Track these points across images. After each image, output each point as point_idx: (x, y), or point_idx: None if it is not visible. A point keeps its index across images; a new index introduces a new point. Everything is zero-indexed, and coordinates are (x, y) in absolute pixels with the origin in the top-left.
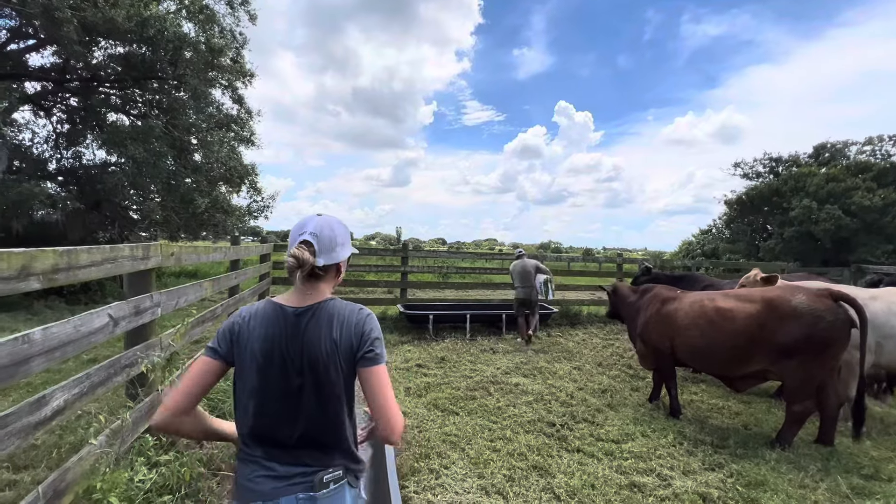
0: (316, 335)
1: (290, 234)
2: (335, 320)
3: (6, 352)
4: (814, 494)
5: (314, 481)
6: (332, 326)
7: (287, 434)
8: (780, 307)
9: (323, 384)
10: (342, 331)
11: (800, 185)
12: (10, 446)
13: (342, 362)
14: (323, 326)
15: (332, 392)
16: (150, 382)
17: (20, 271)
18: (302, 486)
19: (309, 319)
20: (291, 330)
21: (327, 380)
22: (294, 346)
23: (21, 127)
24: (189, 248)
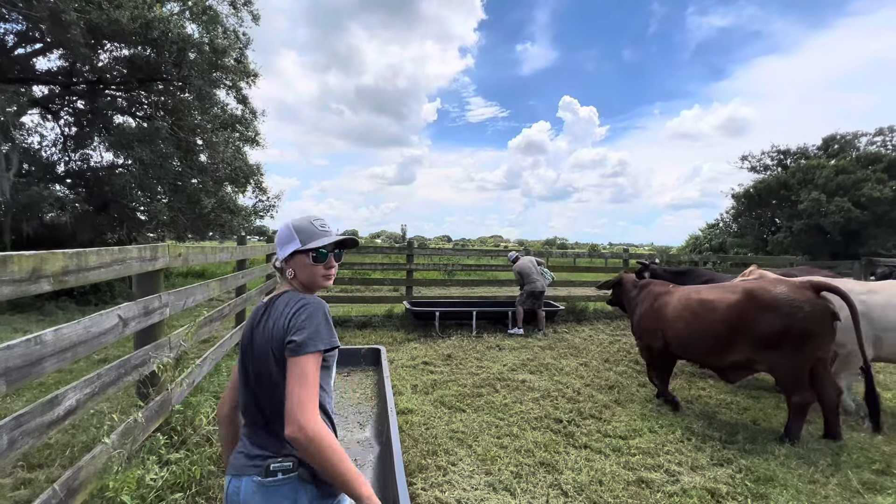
0: (262, 327)
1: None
2: (276, 312)
3: (19, 353)
4: (824, 490)
5: (265, 467)
6: (273, 319)
7: (257, 420)
8: (760, 297)
9: (262, 374)
10: (276, 321)
11: (808, 178)
12: (24, 445)
13: (274, 352)
14: (269, 319)
15: (271, 381)
16: (161, 382)
17: (31, 273)
18: (257, 469)
19: (263, 312)
20: (255, 323)
21: (266, 369)
22: (249, 336)
23: (30, 130)
24: (196, 249)
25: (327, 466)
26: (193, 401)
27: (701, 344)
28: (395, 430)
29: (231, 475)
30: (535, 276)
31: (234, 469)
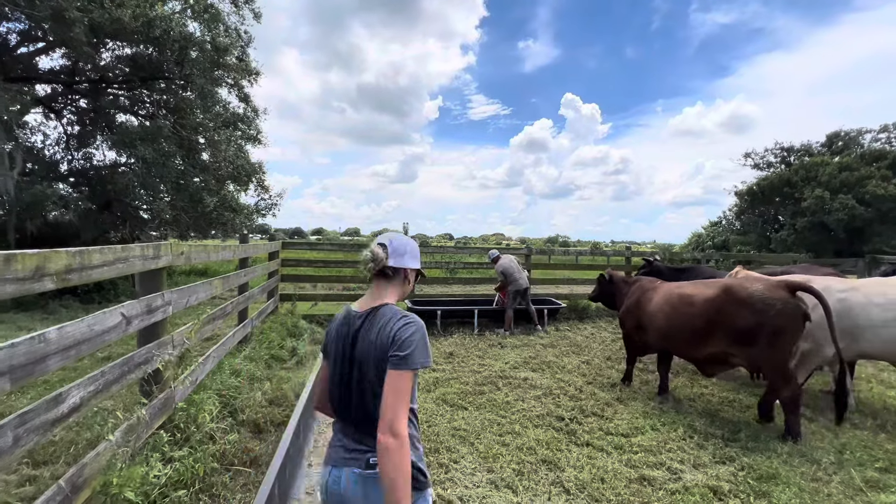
0: (365, 336)
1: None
2: (380, 323)
3: (23, 350)
4: (827, 488)
5: (366, 461)
6: (376, 329)
7: (349, 417)
8: (736, 294)
9: (362, 380)
10: (381, 332)
11: (812, 175)
12: (29, 442)
13: (376, 362)
14: (372, 329)
15: (370, 388)
16: (164, 380)
17: (35, 272)
18: (357, 462)
19: (364, 321)
20: (351, 330)
21: (366, 376)
22: (349, 343)
23: (33, 129)
24: (199, 247)
25: (398, 473)
26: (196, 398)
27: (680, 336)
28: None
29: (331, 466)
30: (518, 275)
31: (333, 461)
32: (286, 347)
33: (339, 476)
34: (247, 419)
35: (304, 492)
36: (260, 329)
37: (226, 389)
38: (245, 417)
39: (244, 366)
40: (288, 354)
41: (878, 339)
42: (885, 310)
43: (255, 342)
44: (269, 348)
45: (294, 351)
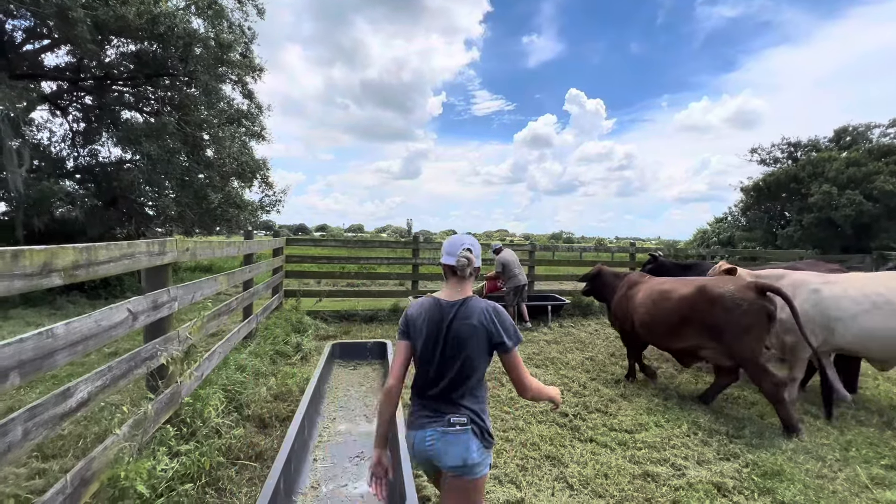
0: (462, 321)
1: (449, 246)
2: (477, 312)
3: (31, 346)
4: (832, 484)
5: (448, 420)
6: (475, 316)
7: (437, 385)
8: (709, 293)
9: (459, 355)
10: (482, 320)
11: (819, 171)
12: (38, 436)
13: (480, 343)
14: (469, 316)
15: (471, 364)
16: (170, 375)
17: (42, 268)
18: (438, 423)
19: (458, 309)
20: (445, 316)
21: (468, 354)
22: (446, 326)
23: (39, 126)
24: (204, 243)
25: (541, 395)
26: (202, 393)
27: (658, 329)
28: (401, 423)
29: (416, 429)
30: (517, 270)
31: (418, 426)
32: (291, 343)
33: (423, 436)
34: (252, 414)
35: (310, 486)
36: (265, 325)
37: (231, 385)
38: (250, 412)
39: (249, 361)
40: (293, 350)
41: (849, 332)
42: (856, 303)
43: (259, 338)
44: (274, 344)
45: (299, 347)
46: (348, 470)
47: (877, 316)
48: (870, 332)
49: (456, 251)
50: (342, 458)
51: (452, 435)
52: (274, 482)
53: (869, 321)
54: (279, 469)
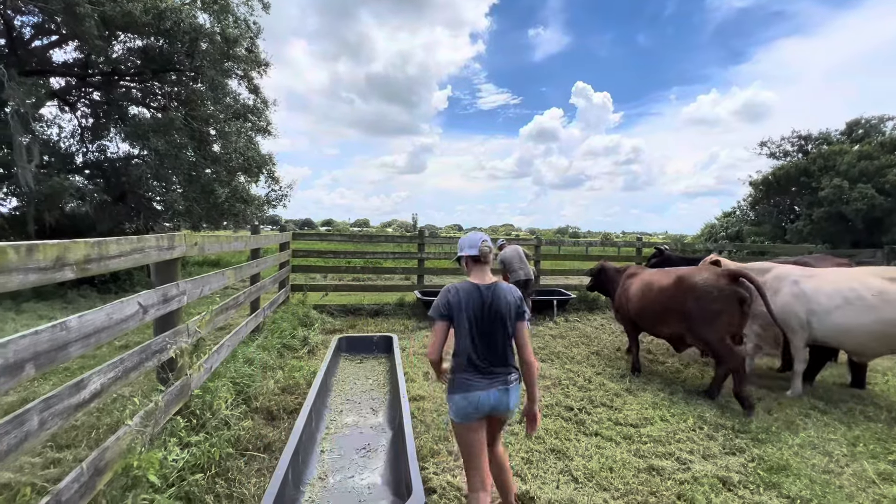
0: (498, 301)
1: (469, 241)
2: (505, 292)
3: (46, 338)
4: (839, 479)
5: (506, 379)
6: (505, 296)
7: (486, 355)
8: (686, 282)
9: (500, 329)
10: (509, 299)
11: (830, 164)
12: (53, 426)
13: (510, 316)
14: (501, 296)
15: (505, 333)
16: (180, 367)
17: (55, 262)
18: (500, 382)
19: (493, 291)
20: (485, 297)
21: (505, 326)
22: (488, 305)
23: (48, 122)
24: (211, 238)
25: (534, 379)
26: (211, 386)
27: (647, 316)
28: (407, 416)
29: (479, 391)
30: (517, 266)
31: (480, 388)
32: (298, 337)
33: (488, 395)
34: (260, 406)
35: (317, 476)
36: (272, 319)
37: (240, 377)
38: (258, 405)
39: (257, 355)
40: (299, 344)
41: (823, 325)
42: (829, 298)
43: (267, 332)
44: (281, 338)
45: (305, 340)
46: (355, 461)
47: (848, 312)
48: (842, 327)
49: (476, 244)
50: (349, 449)
51: (512, 388)
52: (282, 473)
53: (841, 317)
54: (287, 460)
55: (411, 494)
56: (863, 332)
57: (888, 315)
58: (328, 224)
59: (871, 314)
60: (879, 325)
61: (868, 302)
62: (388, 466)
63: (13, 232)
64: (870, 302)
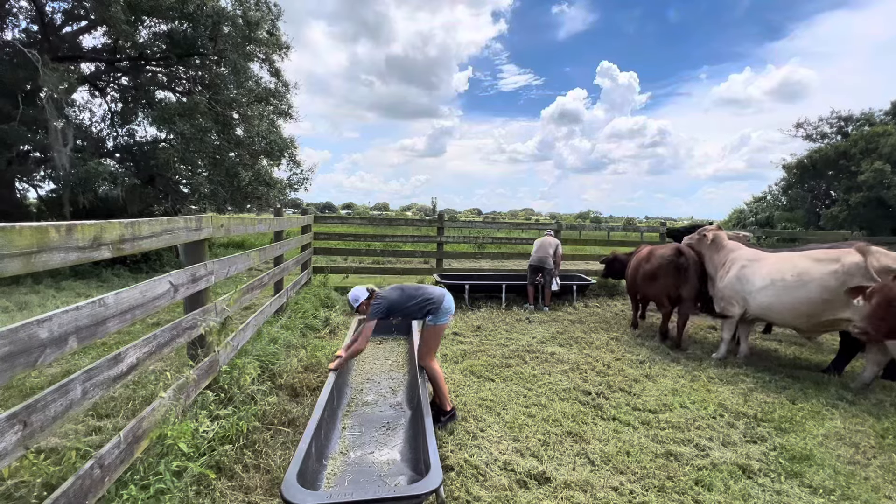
0: None
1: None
2: None
3: (86, 313)
4: (864, 471)
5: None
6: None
7: None
8: (648, 254)
9: None
10: None
11: (872, 147)
12: (95, 396)
13: None
14: None
15: None
16: (209, 344)
17: (93, 241)
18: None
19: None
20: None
21: None
22: None
23: (80, 107)
24: (237, 220)
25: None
26: (238, 363)
27: (642, 283)
28: (425, 396)
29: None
30: (533, 252)
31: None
32: (320, 317)
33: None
34: (284, 383)
35: (339, 451)
36: (295, 300)
37: (265, 355)
38: (283, 382)
39: (281, 334)
40: (321, 324)
41: (755, 302)
42: (760, 279)
43: (290, 312)
44: (304, 318)
45: (327, 321)
46: (375, 438)
47: (770, 291)
48: (765, 304)
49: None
50: (369, 427)
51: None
52: (305, 446)
53: (765, 295)
54: (310, 434)
55: (429, 471)
56: (782, 308)
57: (802, 294)
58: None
59: (789, 293)
60: (795, 302)
61: (787, 282)
62: (406, 444)
63: (50, 213)
64: (789, 282)
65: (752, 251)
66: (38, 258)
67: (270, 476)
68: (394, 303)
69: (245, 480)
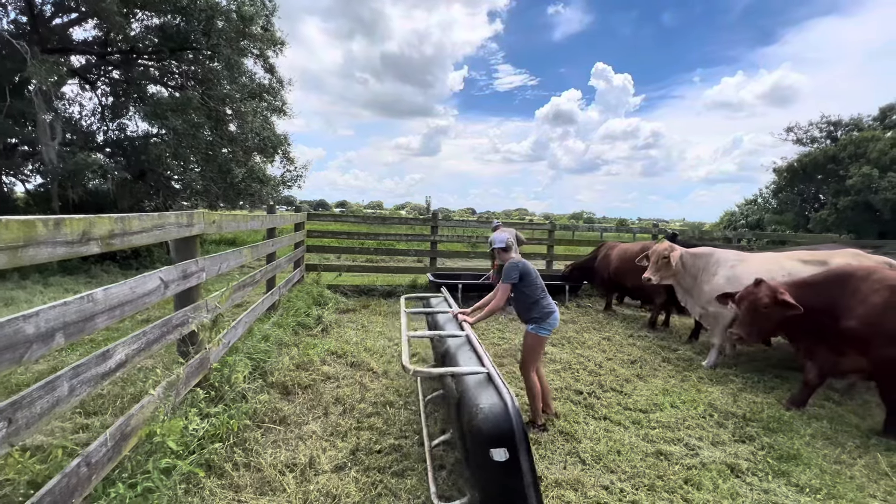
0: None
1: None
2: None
3: (74, 309)
4: (850, 470)
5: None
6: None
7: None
8: (618, 250)
9: None
10: None
11: (860, 151)
12: (82, 393)
13: None
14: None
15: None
16: (200, 341)
17: (82, 236)
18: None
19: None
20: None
21: None
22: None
23: (70, 100)
24: (229, 216)
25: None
26: (229, 360)
27: (622, 278)
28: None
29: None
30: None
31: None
32: (312, 315)
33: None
34: (276, 381)
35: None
36: (287, 297)
37: (256, 353)
38: (274, 380)
39: (273, 331)
40: (314, 322)
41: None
42: (750, 279)
43: (282, 310)
44: (296, 316)
45: (320, 319)
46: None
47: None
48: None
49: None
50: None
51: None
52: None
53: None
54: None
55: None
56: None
57: None
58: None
59: None
60: None
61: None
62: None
63: (38, 208)
64: (779, 281)
65: (732, 252)
66: (24, 252)
67: (261, 475)
68: (527, 271)
69: (235, 479)
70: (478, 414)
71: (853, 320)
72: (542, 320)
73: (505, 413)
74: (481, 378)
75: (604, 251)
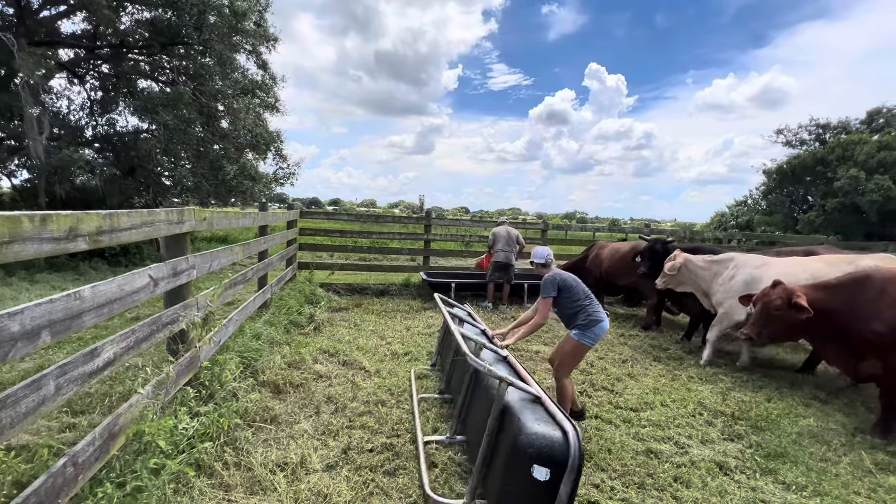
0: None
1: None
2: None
3: (61, 307)
4: (836, 468)
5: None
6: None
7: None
8: (608, 249)
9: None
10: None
11: (848, 154)
12: (69, 392)
13: None
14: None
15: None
16: (190, 339)
17: (69, 232)
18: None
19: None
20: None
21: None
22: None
23: (58, 94)
24: (220, 214)
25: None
26: (220, 359)
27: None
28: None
29: (605, 319)
30: (500, 248)
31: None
32: (304, 314)
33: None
34: (267, 380)
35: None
36: (279, 296)
37: (247, 351)
38: (265, 378)
39: (264, 330)
40: (306, 321)
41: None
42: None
43: (274, 308)
44: (288, 314)
45: (312, 317)
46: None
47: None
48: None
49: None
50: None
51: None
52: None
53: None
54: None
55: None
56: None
57: None
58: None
59: None
60: None
61: (800, 283)
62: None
63: (25, 204)
64: (802, 283)
65: (754, 256)
66: (9, 249)
67: (252, 474)
68: (566, 286)
69: (225, 478)
70: (533, 441)
71: (878, 323)
72: (587, 328)
73: (565, 446)
74: (529, 398)
75: (595, 251)
